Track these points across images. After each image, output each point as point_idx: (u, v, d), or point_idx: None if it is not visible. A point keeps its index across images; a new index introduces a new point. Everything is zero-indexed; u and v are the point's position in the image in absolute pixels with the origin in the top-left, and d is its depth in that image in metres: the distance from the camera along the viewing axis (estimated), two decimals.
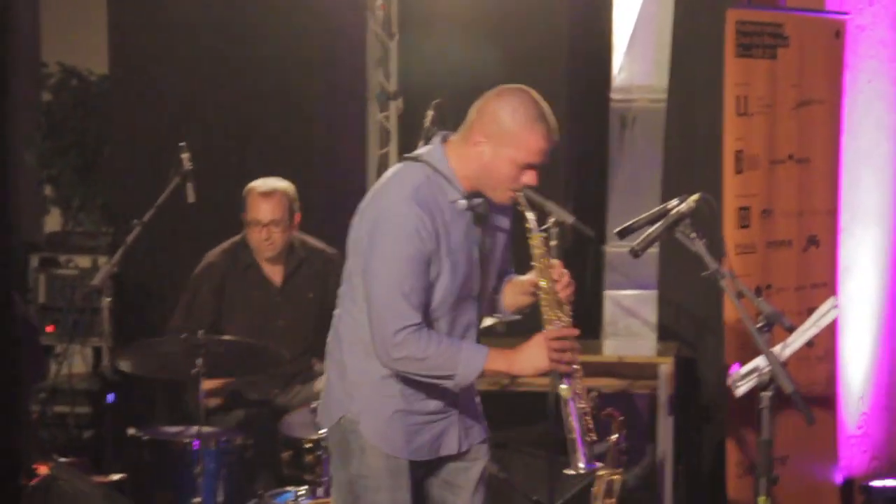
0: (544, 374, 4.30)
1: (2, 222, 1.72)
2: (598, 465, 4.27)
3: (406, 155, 4.39)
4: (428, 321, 4.24)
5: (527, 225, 4.27)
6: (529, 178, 4.24)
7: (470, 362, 4.20)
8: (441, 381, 4.22)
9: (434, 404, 4.33)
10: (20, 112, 8.28)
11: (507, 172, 4.22)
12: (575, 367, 4.24)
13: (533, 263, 4.30)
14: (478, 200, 4.31)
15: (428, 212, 4.18)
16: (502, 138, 4.20)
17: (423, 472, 4.39)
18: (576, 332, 4.27)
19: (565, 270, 4.31)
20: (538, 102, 4.28)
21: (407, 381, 4.27)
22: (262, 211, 6.33)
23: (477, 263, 4.33)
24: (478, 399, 4.52)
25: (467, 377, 4.22)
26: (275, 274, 6.48)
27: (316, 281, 6.46)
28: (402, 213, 4.16)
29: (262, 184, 6.40)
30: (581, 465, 4.22)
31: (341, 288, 4.41)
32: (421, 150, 4.38)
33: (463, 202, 4.27)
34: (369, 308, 4.21)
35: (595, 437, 4.27)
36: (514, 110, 4.21)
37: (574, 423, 4.22)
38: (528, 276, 4.41)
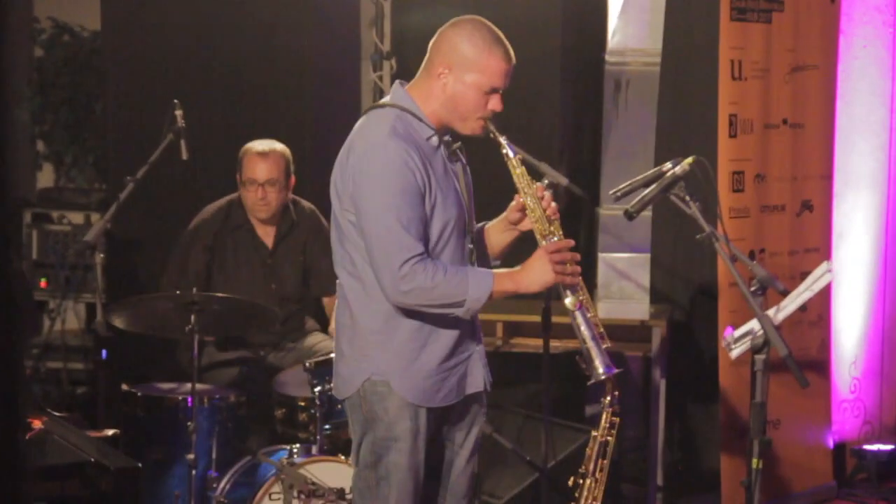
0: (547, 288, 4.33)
1: None
2: (617, 370, 4.28)
3: (371, 105, 4.44)
4: (434, 255, 4.25)
5: (502, 150, 4.31)
6: (495, 103, 4.29)
7: (479, 286, 4.20)
8: (452, 308, 4.21)
9: (456, 347, 4.33)
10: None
11: (472, 98, 4.26)
12: (577, 280, 4.27)
13: (516, 184, 4.33)
14: (448, 137, 4.35)
15: (411, 145, 4.20)
16: (464, 65, 4.25)
17: (436, 423, 4.39)
18: (572, 242, 4.30)
19: (547, 193, 4.35)
20: (493, 28, 4.35)
21: (426, 329, 4.28)
22: (259, 170, 6.32)
23: (463, 196, 4.35)
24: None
25: (478, 301, 4.21)
26: (267, 235, 6.47)
27: (307, 242, 6.46)
28: (386, 148, 4.17)
29: (258, 144, 6.39)
30: (601, 370, 4.25)
31: (334, 256, 4.40)
32: (384, 99, 4.40)
33: (435, 139, 4.30)
34: (370, 249, 4.20)
35: (609, 344, 4.29)
36: (470, 36, 4.27)
37: (586, 332, 4.24)
38: (503, 214, 4.44)
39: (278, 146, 6.40)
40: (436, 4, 7.38)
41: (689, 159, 4.49)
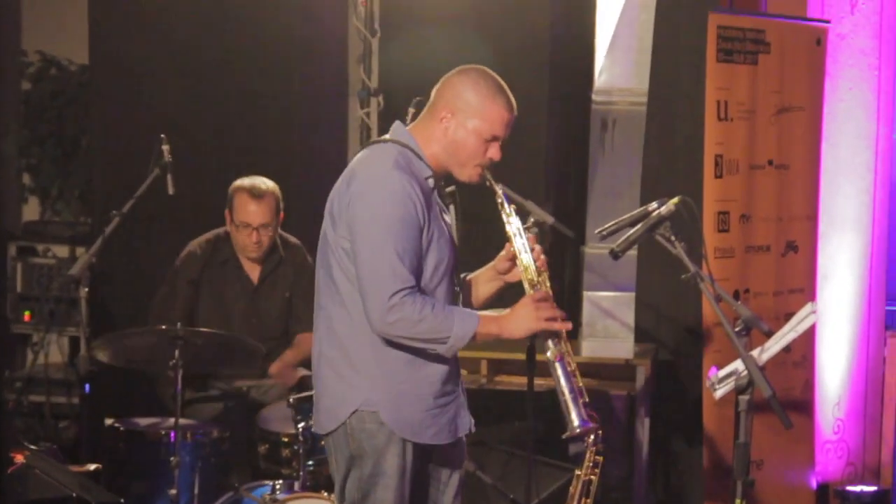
0: (531, 336, 4.36)
1: None
2: (592, 425, 4.27)
3: (373, 140, 4.50)
4: (428, 291, 4.27)
5: (497, 199, 4.35)
6: (494, 151, 4.35)
7: (464, 325, 4.22)
8: (435, 344, 4.22)
9: (445, 386, 4.34)
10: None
11: (473, 145, 4.31)
12: (563, 327, 4.30)
13: (508, 234, 4.37)
14: (444, 183, 4.40)
15: (413, 178, 4.24)
16: (466, 111, 4.31)
17: (420, 463, 4.39)
18: (551, 295, 4.33)
19: (538, 246, 4.39)
20: (497, 78, 4.43)
21: (418, 361, 4.28)
22: (252, 214, 6.31)
23: (453, 241, 4.38)
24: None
25: (461, 339, 4.23)
26: (252, 271, 6.47)
27: (293, 278, 6.46)
28: (389, 177, 4.21)
29: (250, 184, 6.36)
30: (576, 423, 4.26)
31: (319, 287, 4.39)
32: (386, 136, 4.43)
33: (432, 180, 4.33)
34: (361, 275, 4.20)
35: (587, 399, 4.29)
36: (475, 83, 4.35)
37: (564, 384, 4.26)
38: (492, 263, 4.48)
39: (270, 185, 6.38)
40: (424, 42, 7.41)
41: (675, 199, 4.50)
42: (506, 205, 4.36)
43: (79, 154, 8.59)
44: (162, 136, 6.15)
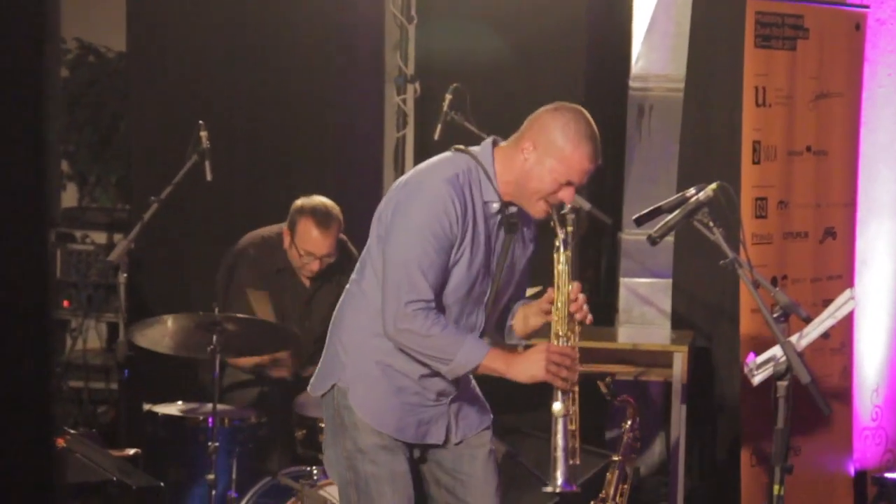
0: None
1: (38, 200, 1.72)
2: (576, 488, 4.24)
3: (458, 146, 4.40)
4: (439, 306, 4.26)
5: (556, 241, 4.26)
6: (566, 194, 4.26)
7: (470, 353, 4.20)
8: (437, 363, 4.23)
9: (427, 390, 4.35)
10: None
11: (546, 183, 4.24)
12: (571, 387, 4.23)
13: (554, 278, 4.29)
14: (513, 209, 4.34)
15: (461, 198, 4.21)
16: (549, 149, 4.24)
17: (418, 453, 4.41)
18: (577, 354, 4.26)
19: (582, 295, 4.30)
20: (591, 123, 4.32)
21: (403, 360, 4.29)
22: (317, 244, 6.17)
23: (492, 271, 4.35)
24: (476, 388, 4.53)
25: (463, 367, 4.22)
26: (306, 277, 6.39)
27: (341, 278, 6.38)
28: (436, 189, 4.20)
29: (315, 210, 6.17)
30: (559, 482, 4.20)
31: (361, 261, 4.42)
32: (474, 148, 4.39)
33: (496, 205, 4.30)
34: (385, 276, 4.23)
35: (577, 462, 4.26)
36: (566, 125, 4.25)
37: (560, 441, 4.22)
38: (544, 297, 4.40)
39: (335, 212, 6.19)
40: (460, 28, 7.41)
41: (714, 185, 4.48)
42: (561, 250, 4.27)
43: (116, 141, 8.62)
44: (200, 122, 6.15)
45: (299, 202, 6.23)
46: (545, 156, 4.24)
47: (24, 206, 1.68)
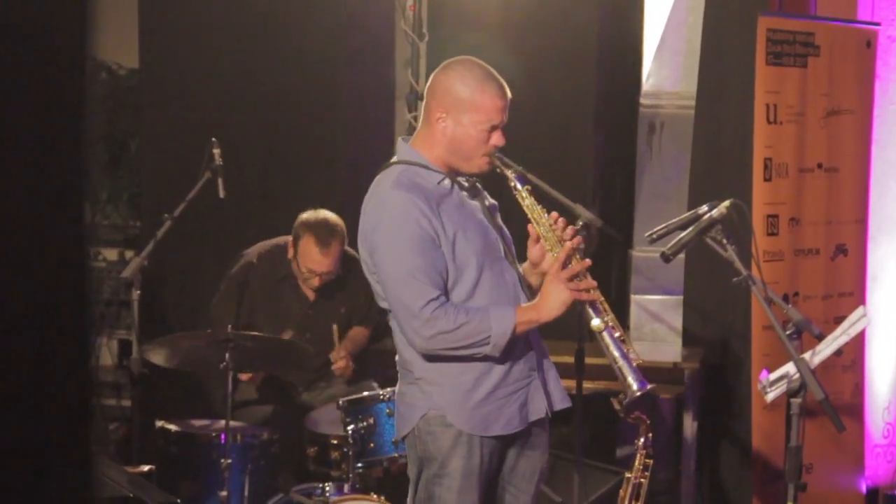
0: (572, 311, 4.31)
1: (74, 212, 1.75)
2: (651, 385, 4.25)
3: (380, 167, 4.43)
4: (470, 287, 4.26)
5: (510, 183, 4.31)
6: (496, 138, 4.30)
7: (501, 322, 4.20)
8: (479, 348, 4.21)
9: (513, 373, 4.34)
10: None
11: (473, 138, 4.27)
12: (597, 297, 4.26)
13: (528, 216, 4.33)
14: (462, 177, 4.37)
15: (417, 193, 4.22)
16: (459, 106, 4.26)
17: (497, 461, 4.39)
18: (587, 263, 4.28)
19: (558, 215, 4.34)
20: (483, 65, 4.36)
21: (472, 362, 4.28)
22: (318, 263, 6.22)
23: (489, 227, 4.37)
24: (553, 368, 4.53)
25: (503, 336, 4.21)
26: (309, 289, 6.42)
27: (348, 293, 6.42)
28: (390, 199, 4.22)
29: (317, 228, 6.21)
30: (635, 387, 4.22)
31: (375, 292, 4.43)
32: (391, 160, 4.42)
33: (446, 181, 4.32)
34: (390, 302, 4.26)
35: (640, 359, 4.27)
36: (462, 77, 4.30)
37: (615, 351, 4.23)
38: (529, 245, 4.42)
39: (338, 229, 6.22)
40: (471, 45, 7.42)
41: (727, 202, 4.49)
42: (518, 186, 4.30)
43: (128, 158, 8.64)
44: (213, 139, 6.18)
45: (304, 216, 6.26)
46: (460, 114, 4.26)
47: (66, 219, 1.71)
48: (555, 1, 7.35)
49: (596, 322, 4.25)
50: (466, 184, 4.39)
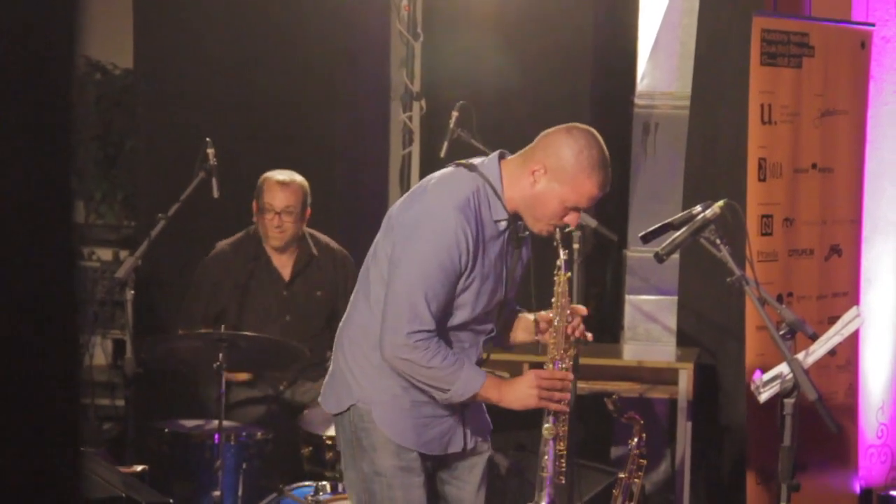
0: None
1: (66, 215, 1.75)
2: None
3: (461, 161, 4.34)
4: (448, 329, 4.25)
5: (558, 262, 4.25)
6: (572, 218, 4.24)
7: (467, 384, 4.19)
8: (433, 390, 4.22)
9: (439, 405, 4.33)
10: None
11: (553, 208, 4.20)
12: (564, 409, 4.26)
13: (553, 300, 4.30)
14: (520, 223, 4.32)
15: (473, 226, 4.16)
16: (559, 175, 4.17)
17: (431, 465, 4.40)
18: (570, 376, 4.29)
19: (578, 317, 4.31)
20: (603, 150, 4.25)
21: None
22: (277, 198, 6.34)
23: (504, 281, 4.34)
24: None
25: (459, 396, 4.21)
26: (284, 267, 6.48)
27: (326, 280, 6.46)
28: (448, 219, 4.14)
29: (278, 173, 6.43)
30: (543, 502, 4.24)
31: (364, 268, 4.38)
32: (476, 160, 4.34)
33: (505, 222, 4.27)
34: (387, 302, 4.19)
35: (563, 481, 4.29)
36: (579, 152, 4.18)
37: (549, 463, 4.26)
38: (538, 314, 4.41)
39: (297, 177, 6.43)
40: (466, 46, 7.43)
41: (720, 203, 4.49)
42: (562, 271, 4.26)
43: (122, 158, 8.64)
44: (207, 139, 6.18)
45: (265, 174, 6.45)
46: (555, 182, 4.18)
47: (54, 221, 1.71)
48: (550, 1, 7.35)
49: (548, 427, 4.26)
50: (522, 234, 4.35)
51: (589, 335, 4.32)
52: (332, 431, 5.75)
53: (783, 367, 4.48)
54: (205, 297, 6.42)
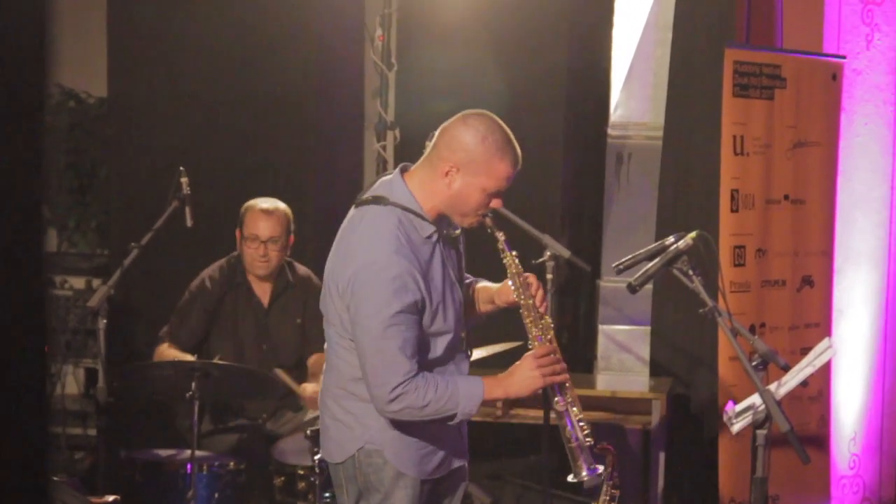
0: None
1: (35, 243, 1.75)
2: (600, 469, 4.27)
3: (368, 197, 4.28)
4: (439, 353, 4.26)
5: (499, 245, 4.28)
6: (497, 203, 4.25)
7: (469, 399, 4.18)
8: (442, 420, 4.20)
9: (443, 423, 4.30)
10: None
11: (477, 200, 4.20)
12: (565, 378, 4.27)
13: (509, 282, 4.31)
14: (456, 231, 4.34)
15: (412, 261, 4.13)
16: (472, 167, 4.16)
17: (428, 499, 4.40)
18: (556, 346, 4.31)
19: (539, 283, 4.34)
20: (503, 128, 4.23)
21: None
22: (262, 228, 6.35)
23: (458, 285, 4.35)
24: None
25: (468, 413, 4.21)
26: (263, 293, 6.49)
27: (304, 307, 6.47)
28: (390, 265, 4.10)
29: (262, 202, 6.43)
30: (584, 472, 4.24)
31: (329, 327, 4.34)
32: (380, 189, 4.29)
33: (435, 235, 4.24)
34: (362, 363, 4.17)
35: (592, 441, 4.28)
36: (483, 138, 4.17)
37: (571, 432, 4.24)
38: (496, 286, 4.43)
39: (281, 205, 6.44)
40: (440, 76, 7.45)
41: (693, 233, 4.50)
42: (507, 251, 4.29)
43: (96, 186, 8.62)
44: (181, 168, 6.18)
45: (248, 202, 6.46)
46: (470, 175, 4.17)
47: (25, 250, 1.71)
48: (524, 33, 7.38)
49: (557, 401, 4.26)
50: (453, 233, 4.36)
51: (545, 304, 4.32)
52: (304, 461, 5.75)
53: (755, 398, 4.48)
54: (191, 327, 6.40)
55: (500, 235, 4.28)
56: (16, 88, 1.74)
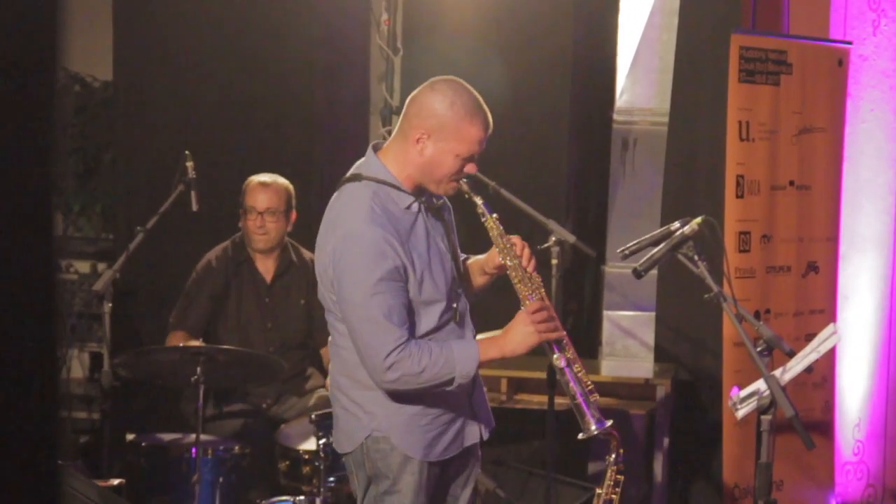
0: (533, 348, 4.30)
1: (47, 224, 1.75)
2: (609, 422, 4.25)
3: (344, 179, 4.33)
4: (434, 324, 4.25)
5: (478, 210, 4.29)
6: (471, 167, 4.25)
7: (465, 361, 4.18)
8: (442, 387, 4.20)
9: (451, 403, 4.33)
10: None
11: (450, 165, 4.20)
12: (562, 335, 4.25)
13: (496, 247, 4.32)
14: (428, 198, 4.33)
15: (389, 228, 4.14)
16: (443, 133, 4.17)
17: (437, 481, 4.40)
18: (549, 303, 4.29)
19: (524, 243, 4.33)
20: (471, 91, 4.26)
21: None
22: (259, 199, 6.36)
23: (448, 255, 4.34)
24: (482, 388, 4.53)
25: (466, 376, 4.20)
26: (266, 271, 6.48)
27: (308, 288, 6.46)
28: (364, 234, 4.12)
29: (261, 175, 6.47)
30: (592, 427, 4.22)
31: (328, 314, 4.36)
32: (355, 168, 4.33)
33: (415, 204, 4.26)
34: (353, 338, 4.19)
35: (598, 396, 4.27)
36: (452, 103, 4.19)
37: (574, 387, 4.22)
38: (482, 257, 4.43)
39: (280, 179, 6.45)
40: (447, 61, 7.43)
41: (698, 219, 4.49)
42: (487, 214, 4.29)
43: (101, 170, 8.62)
44: (186, 152, 6.18)
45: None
46: (441, 141, 4.17)
47: (34, 234, 1.71)
48: (530, 18, 7.36)
49: (556, 356, 4.25)
50: (437, 202, 4.37)
51: (532, 263, 4.30)
52: (309, 446, 5.76)
53: (760, 384, 4.48)
54: (198, 311, 6.41)
55: (479, 199, 4.28)
56: (26, 71, 1.74)
